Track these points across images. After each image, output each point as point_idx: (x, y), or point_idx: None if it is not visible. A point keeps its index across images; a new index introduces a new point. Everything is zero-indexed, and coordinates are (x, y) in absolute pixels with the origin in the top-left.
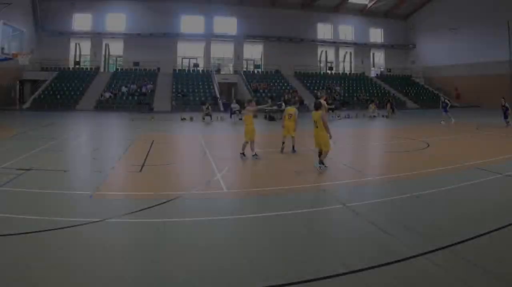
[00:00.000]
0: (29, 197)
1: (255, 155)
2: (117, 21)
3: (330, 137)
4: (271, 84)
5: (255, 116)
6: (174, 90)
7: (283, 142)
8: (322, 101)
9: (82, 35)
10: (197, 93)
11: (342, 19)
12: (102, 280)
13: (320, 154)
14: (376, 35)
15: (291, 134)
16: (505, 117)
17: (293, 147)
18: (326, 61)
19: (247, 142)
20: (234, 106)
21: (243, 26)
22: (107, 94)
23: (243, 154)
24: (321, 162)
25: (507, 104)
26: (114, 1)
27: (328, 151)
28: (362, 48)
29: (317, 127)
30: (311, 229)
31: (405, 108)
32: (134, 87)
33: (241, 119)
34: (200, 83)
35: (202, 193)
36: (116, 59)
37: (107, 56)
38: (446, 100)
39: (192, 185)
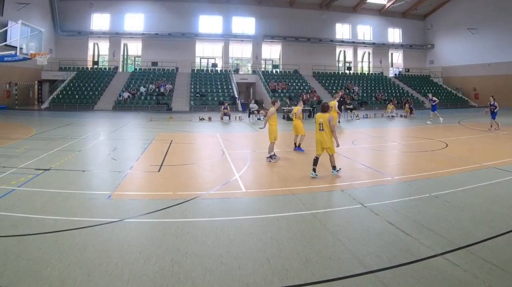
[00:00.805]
0: (47, 197)
1: (274, 155)
2: (135, 21)
3: (337, 145)
4: (289, 84)
5: None
6: (192, 90)
7: (295, 142)
8: (335, 101)
9: (100, 35)
10: (216, 93)
11: (360, 19)
12: (121, 279)
13: (317, 161)
14: (395, 35)
15: (299, 133)
16: (493, 116)
17: (299, 145)
18: (345, 61)
19: (273, 143)
20: (253, 106)
21: (261, 26)
22: (126, 94)
23: (271, 157)
24: (334, 167)
25: (496, 104)
26: (132, 1)
27: (333, 154)
28: (381, 48)
29: (321, 130)
30: (329, 229)
31: (424, 108)
32: (153, 87)
33: (259, 119)
34: (218, 83)
35: (221, 193)
36: (135, 59)
37: (125, 56)
38: (433, 98)
39: (210, 185)
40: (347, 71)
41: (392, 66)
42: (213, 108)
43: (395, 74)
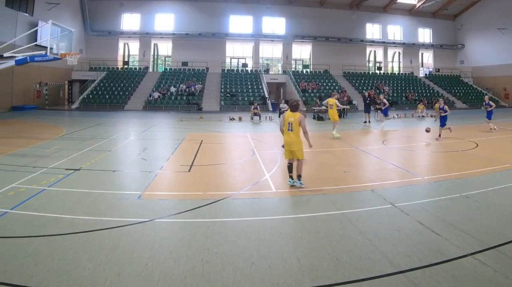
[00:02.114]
0: (77, 197)
1: None
2: (165, 21)
3: (310, 146)
4: (320, 84)
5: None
6: (222, 90)
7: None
8: (334, 99)
9: (130, 35)
10: (246, 93)
11: (390, 19)
12: (151, 279)
13: (291, 166)
14: (425, 35)
15: None
16: (442, 124)
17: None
18: (375, 61)
19: None
20: (283, 106)
21: (292, 26)
22: (156, 94)
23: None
24: (299, 177)
25: (446, 107)
26: (162, 1)
27: (303, 160)
28: (411, 48)
29: (290, 130)
30: (359, 228)
31: (454, 108)
32: (183, 87)
33: None
34: (248, 83)
35: (251, 193)
36: (165, 59)
37: (155, 56)
38: (384, 100)
39: (240, 185)
40: (377, 71)
41: (422, 66)
42: (243, 108)
43: (426, 74)
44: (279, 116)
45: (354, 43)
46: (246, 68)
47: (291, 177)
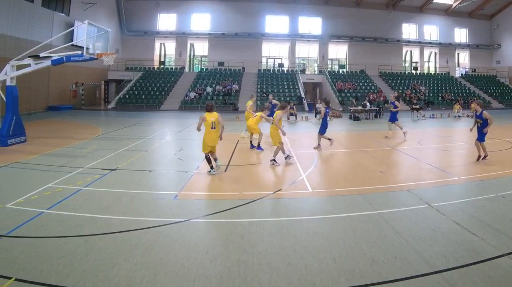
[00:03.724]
0: (113, 197)
1: (274, 160)
2: (202, 21)
3: (221, 139)
4: (356, 84)
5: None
6: (259, 90)
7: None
8: (251, 101)
9: (167, 35)
10: (282, 93)
11: (426, 19)
12: (187, 279)
13: (210, 158)
14: (461, 35)
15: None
16: (321, 130)
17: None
18: (411, 61)
19: (279, 146)
20: (319, 106)
21: (328, 26)
22: (192, 94)
23: (275, 160)
24: (212, 167)
25: (328, 112)
26: (198, 1)
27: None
28: (447, 48)
29: (213, 128)
30: (395, 228)
31: (490, 108)
32: (219, 87)
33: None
34: (285, 83)
35: (287, 193)
36: (201, 59)
37: (192, 56)
38: (273, 101)
39: (277, 185)
40: (413, 71)
41: (458, 66)
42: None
43: (462, 74)
44: (315, 116)
45: (390, 43)
46: (282, 68)
47: (211, 166)
